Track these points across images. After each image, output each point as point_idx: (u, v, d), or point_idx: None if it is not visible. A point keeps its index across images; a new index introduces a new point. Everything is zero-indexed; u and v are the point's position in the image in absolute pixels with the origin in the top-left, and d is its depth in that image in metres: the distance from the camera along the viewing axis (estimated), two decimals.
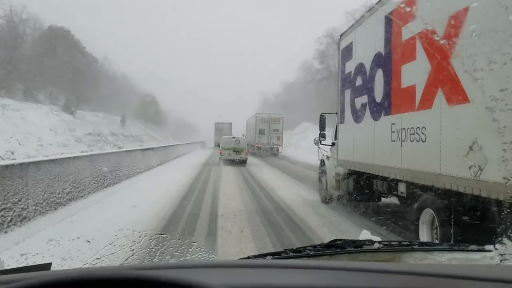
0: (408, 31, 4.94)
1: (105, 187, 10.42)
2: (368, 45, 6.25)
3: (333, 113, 8.92)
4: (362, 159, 6.48)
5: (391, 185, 5.68)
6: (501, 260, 1.48)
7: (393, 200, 7.47)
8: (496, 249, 1.55)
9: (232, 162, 20.38)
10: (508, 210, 3.40)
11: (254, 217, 7.04)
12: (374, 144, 5.96)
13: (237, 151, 21.07)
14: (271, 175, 15.27)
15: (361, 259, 1.45)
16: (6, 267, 1.39)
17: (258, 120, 31.00)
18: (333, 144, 8.75)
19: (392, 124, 5.36)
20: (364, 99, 6.38)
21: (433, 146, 4.35)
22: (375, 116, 5.94)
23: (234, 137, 22.34)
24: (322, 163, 9.39)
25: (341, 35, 7.82)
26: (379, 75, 5.82)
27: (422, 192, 4.76)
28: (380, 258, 1.46)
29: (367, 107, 6.24)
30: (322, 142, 8.99)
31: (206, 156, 28.36)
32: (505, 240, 1.62)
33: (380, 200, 7.47)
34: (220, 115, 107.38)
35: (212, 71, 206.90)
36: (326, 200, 8.81)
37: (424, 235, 4.65)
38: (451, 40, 4.04)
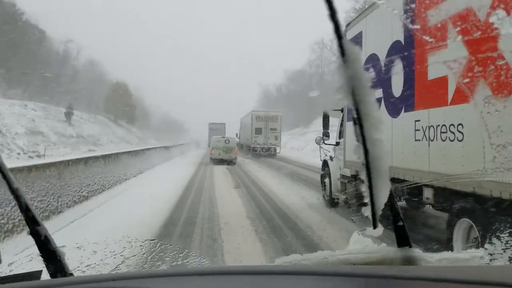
0: (437, 15, 4.32)
1: None
2: (383, 34, 5.63)
3: (338, 110, 8.30)
4: None
5: (414, 190, 5.06)
6: (490, 260, 1.48)
7: (402, 203, 6.91)
8: (486, 248, 1.58)
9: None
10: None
11: None
12: (392, 143, 5.34)
13: (226, 150, 21.90)
14: None
15: (352, 261, 1.39)
16: None
17: (254, 118, 29.13)
18: (337, 143, 8.14)
19: (415, 121, 4.75)
20: (378, 93, 5.75)
21: (473, 146, 3.74)
22: (393, 112, 5.32)
23: (223, 137, 23.10)
24: (325, 164, 8.76)
25: (347, 25, 7.19)
26: (398, 66, 5.21)
27: (457, 199, 4.15)
28: (371, 260, 1.37)
29: (382, 102, 5.62)
30: (326, 142, 8.36)
31: (186, 175, 15.52)
32: (494, 239, 1.64)
33: None
34: (213, 113, 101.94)
35: (205, 66, 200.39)
36: (331, 203, 8.20)
37: (459, 248, 4.05)
38: (498, 21, 3.44)
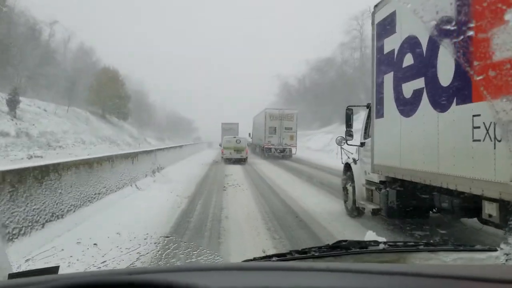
0: None
1: None
2: (424, 9, 4.58)
3: (363, 105, 7.28)
4: (416, 165, 4.81)
5: (469, 203, 4.01)
6: (506, 260, 1.41)
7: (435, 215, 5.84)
8: (502, 248, 1.47)
9: None
10: None
11: None
12: (439, 144, 4.30)
13: (237, 150, 22.24)
14: None
15: (366, 260, 1.43)
16: (14, 270, 1.34)
17: (267, 117, 26.90)
18: (362, 144, 7.10)
19: (474, 116, 3.70)
20: (418, 83, 4.71)
21: None
22: (440, 105, 4.27)
23: (235, 137, 23.54)
24: (347, 167, 7.72)
25: (376, 6, 6.15)
26: (447, 48, 4.16)
27: None
28: (385, 258, 1.43)
29: (424, 94, 4.58)
30: (349, 142, 7.33)
31: None
32: (511, 239, 1.50)
33: (428, 216, 5.83)
34: (227, 113, 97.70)
35: (219, 63, 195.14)
36: (354, 213, 7.17)
37: None
38: None
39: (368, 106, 6.96)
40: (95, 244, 4.38)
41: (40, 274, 1.07)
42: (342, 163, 8.00)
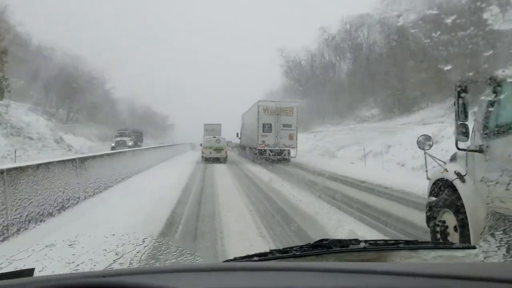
0: None
1: None
2: None
3: (482, 81, 4.32)
4: None
5: None
6: (485, 257, 1.44)
7: None
8: (480, 246, 1.52)
9: None
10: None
11: None
12: None
13: (217, 149, 22.84)
14: None
15: (347, 258, 1.44)
16: None
17: (261, 111, 21.42)
18: (481, 148, 4.07)
19: None
20: None
21: None
22: None
23: (214, 137, 24.17)
24: (438, 186, 4.64)
25: None
26: None
27: None
28: (366, 257, 1.44)
29: None
30: (460, 145, 4.28)
31: None
32: (489, 237, 1.56)
33: None
34: (211, 113, 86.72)
35: (202, 51, 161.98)
36: None
37: None
38: None
39: (493, 81, 3.97)
40: (70, 245, 4.20)
41: (15, 277, 1.04)
42: (428, 178, 4.97)
